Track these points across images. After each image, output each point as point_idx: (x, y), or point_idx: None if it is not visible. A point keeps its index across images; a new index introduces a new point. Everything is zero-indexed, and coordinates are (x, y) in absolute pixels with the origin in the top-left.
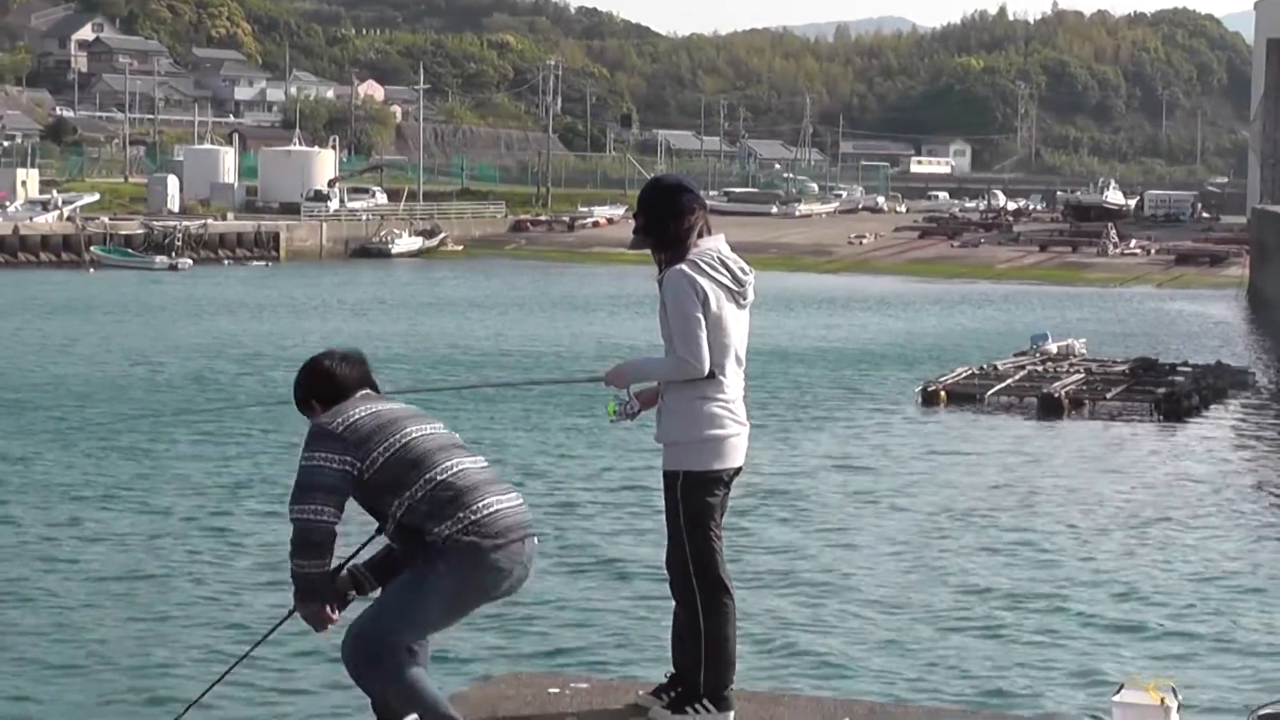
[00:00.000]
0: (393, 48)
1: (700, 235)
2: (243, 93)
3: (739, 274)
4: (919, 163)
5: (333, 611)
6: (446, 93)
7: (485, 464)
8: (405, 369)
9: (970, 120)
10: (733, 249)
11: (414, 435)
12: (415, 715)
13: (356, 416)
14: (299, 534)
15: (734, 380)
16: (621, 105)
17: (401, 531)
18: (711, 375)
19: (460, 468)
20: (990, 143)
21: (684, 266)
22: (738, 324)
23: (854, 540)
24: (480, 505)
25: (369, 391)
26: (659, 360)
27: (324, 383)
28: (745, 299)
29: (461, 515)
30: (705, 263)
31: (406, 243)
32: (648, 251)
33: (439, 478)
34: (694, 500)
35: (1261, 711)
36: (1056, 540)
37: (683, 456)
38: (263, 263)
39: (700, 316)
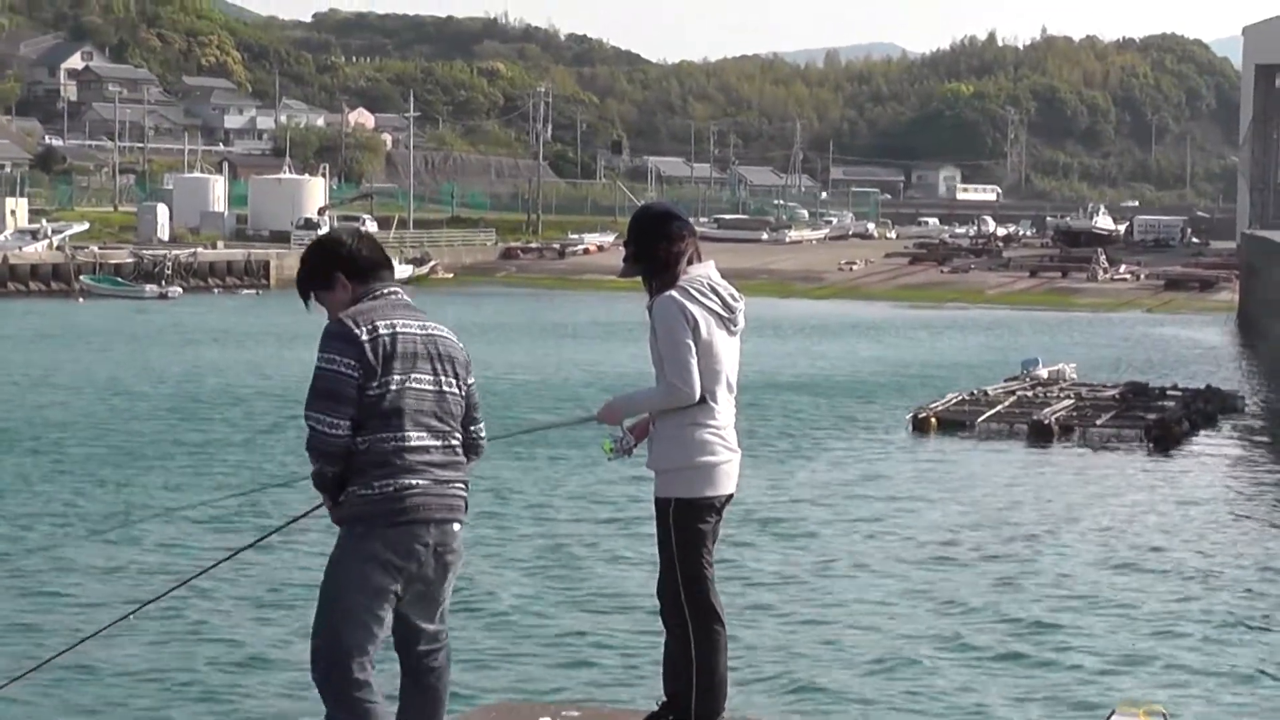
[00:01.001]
0: (383, 75)
1: (690, 262)
2: (233, 121)
3: (729, 300)
4: (964, 190)
5: None
6: (437, 120)
7: (452, 443)
8: None
9: (960, 146)
10: (723, 276)
11: (414, 385)
12: None
13: (383, 332)
14: (312, 441)
15: (725, 407)
16: (612, 132)
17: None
18: (703, 401)
19: (414, 439)
20: (980, 168)
21: (674, 293)
22: (728, 350)
23: (844, 568)
24: (398, 480)
25: (396, 289)
26: (649, 391)
27: (346, 257)
28: (736, 325)
29: (376, 484)
30: (695, 289)
31: (396, 270)
32: (638, 279)
33: (393, 437)
34: (685, 527)
35: None
36: (1046, 567)
37: (674, 483)
38: (253, 291)
39: (691, 343)
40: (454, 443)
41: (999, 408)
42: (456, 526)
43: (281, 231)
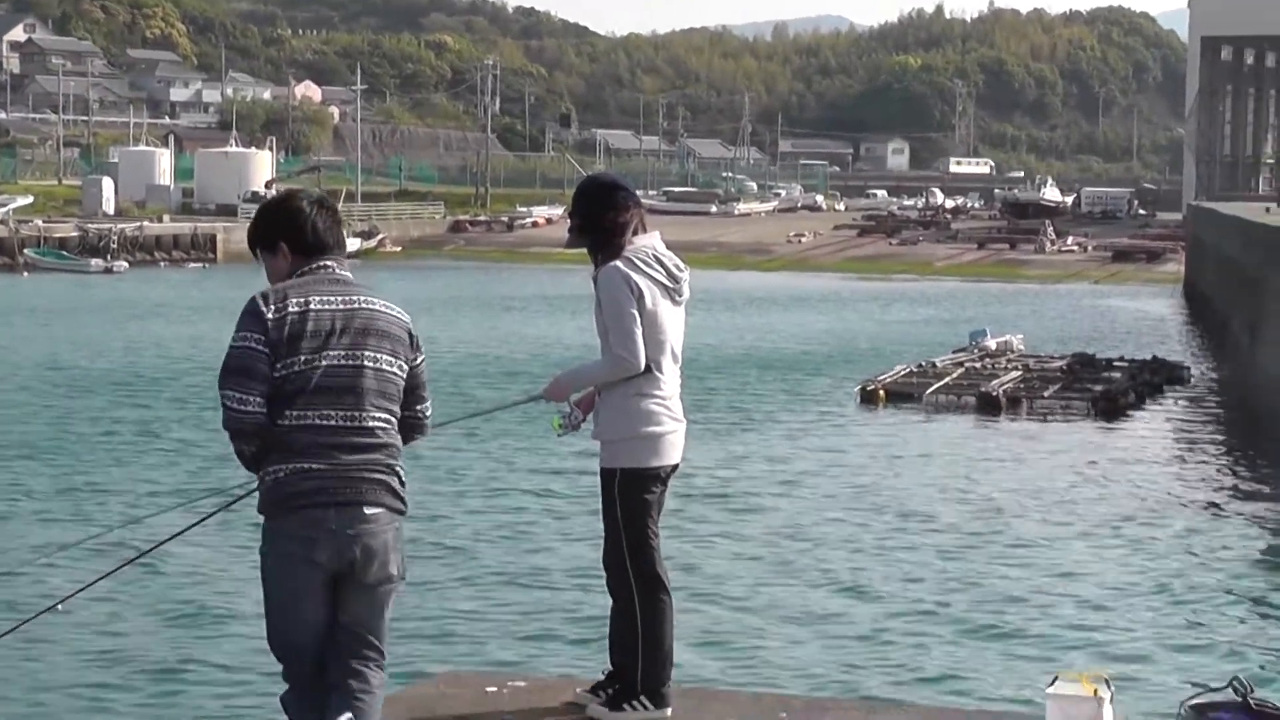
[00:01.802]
0: (329, 48)
1: (635, 233)
2: (178, 94)
3: (674, 271)
4: (957, 164)
5: None
6: (384, 93)
7: (369, 424)
8: None
9: (908, 118)
10: (672, 248)
11: (325, 363)
12: None
13: (293, 310)
14: (225, 418)
15: (670, 377)
16: (560, 105)
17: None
18: (648, 372)
19: (319, 419)
20: (928, 141)
21: (619, 263)
22: (673, 321)
23: (792, 539)
24: (297, 463)
25: (330, 264)
26: (594, 364)
27: (297, 228)
28: (680, 296)
29: (279, 467)
30: (640, 260)
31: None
32: (584, 251)
33: (299, 417)
34: (631, 497)
35: (1191, 702)
36: (991, 537)
37: (620, 454)
38: (200, 265)
39: (635, 313)
40: (373, 423)
41: (947, 380)
42: (369, 510)
43: (228, 205)
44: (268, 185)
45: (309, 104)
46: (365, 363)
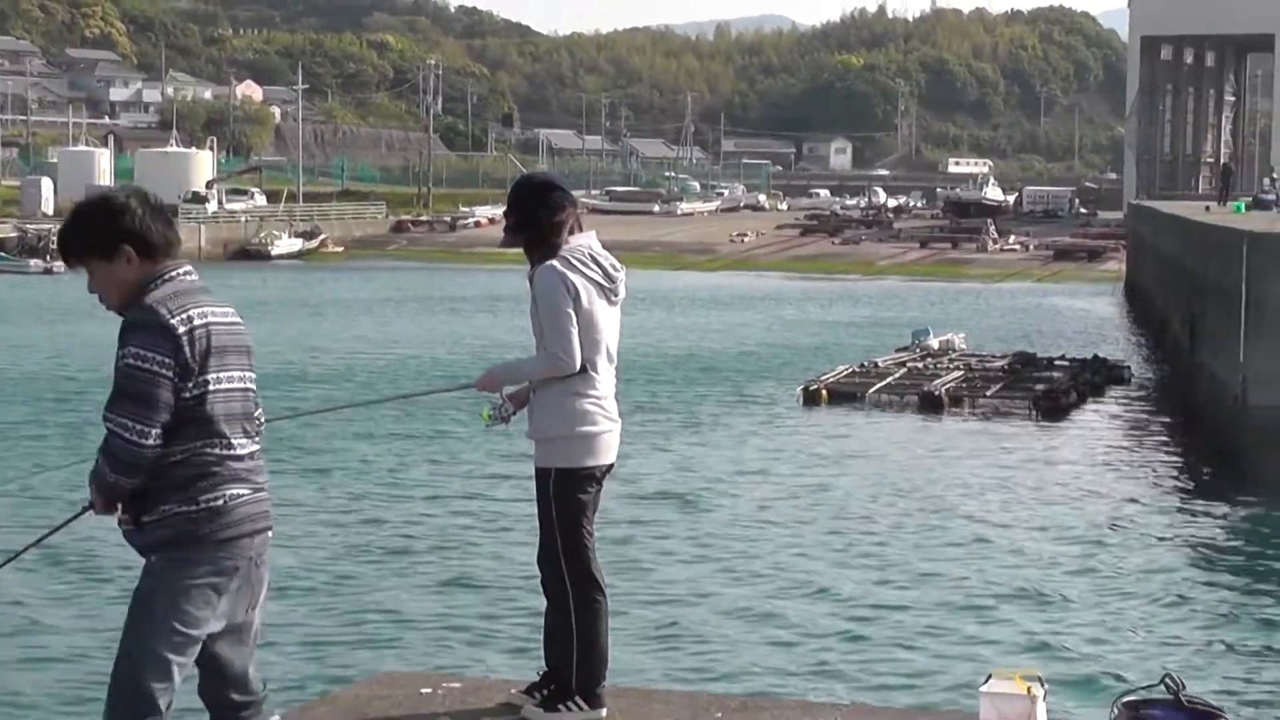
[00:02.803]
0: (271, 48)
1: (571, 232)
2: (118, 94)
3: (610, 270)
4: (956, 163)
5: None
6: (326, 93)
7: (260, 444)
8: (270, 379)
9: (851, 118)
10: (615, 248)
11: (227, 384)
12: None
13: (198, 323)
14: (114, 449)
15: (606, 377)
16: (503, 104)
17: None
18: (583, 371)
19: (236, 443)
20: (871, 140)
21: (555, 263)
22: (609, 320)
23: (729, 539)
24: (226, 490)
25: (189, 267)
26: (529, 360)
27: (140, 230)
28: (616, 295)
29: (202, 498)
30: (576, 259)
31: (286, 244)
32: (522, 250)
33: (216, 443)
34: (566, 497)
35: (1124, 700)
36: (930, 536)
37: (555, 453)
38: None
39: (571, 312)
40: (260, 444)
41: (889, 379)
42: (270, 533)
43: (169, 205)
44: (209, 185)
45: (250, 104)
46: (248, 382)
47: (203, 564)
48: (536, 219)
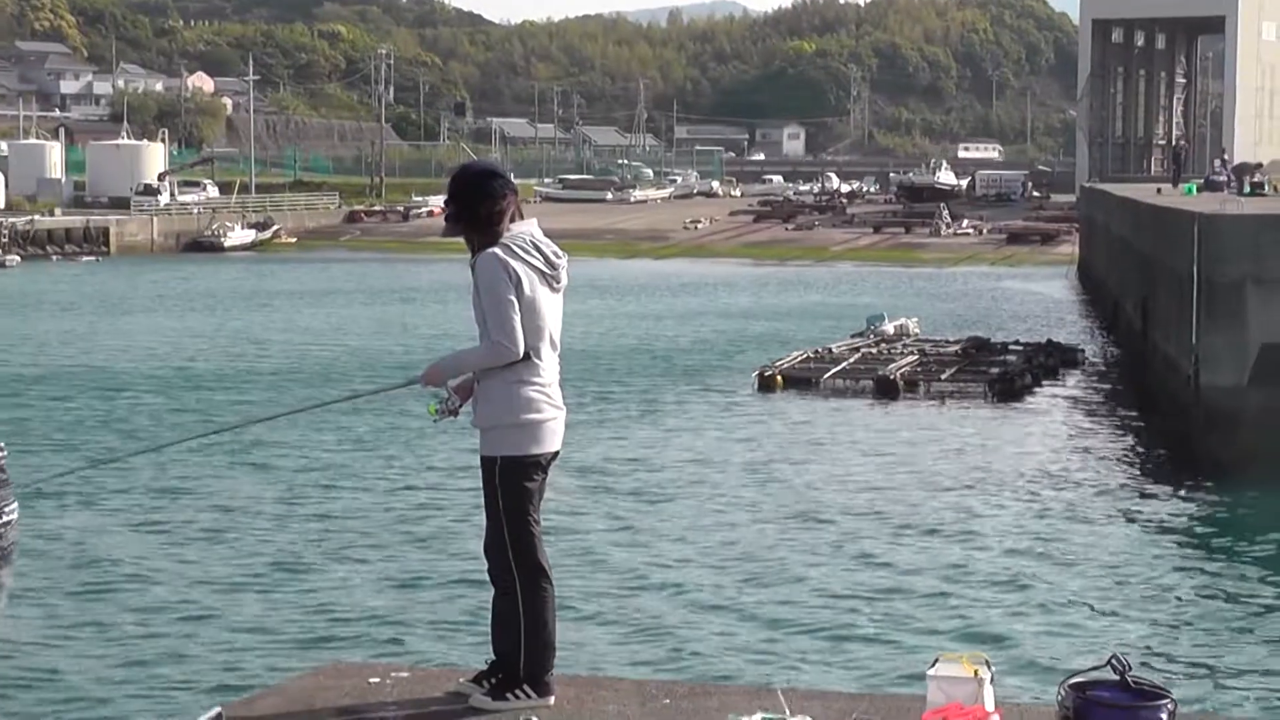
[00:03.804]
0: (222, 39)
1: (512, 220)
2: (69, 86)
3: (551, 257)
4: (965, 149)
5: None
6: (278, 84)
7: None
8: (215, 375)
9: (804, 104)
10: (568, 236)
11: None
12: None
13: None
14: None
15: (550, 364)
16: (455, 94)
17: None
18: (527, 358)
19: None
20: (824, 126)
21: (496, 250)
22: (552, 307)
23: (681, 526)
24: None
25: None
26: (472, 350)
27: None
28: (559, 282)
29: None
30: (518, 246)
31: (239, 236)
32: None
33: None
34: (512, 485)
35: (1070, 681)
36: (882, 521)
37: (500, 441)
38: (93, 258)
39: (513, 299)
40: None
41: (844, 364)
42: None
43: (121, 198)
44: (161, 178)
45: (201, 95)
46: None
47: None
48: (476, 208)
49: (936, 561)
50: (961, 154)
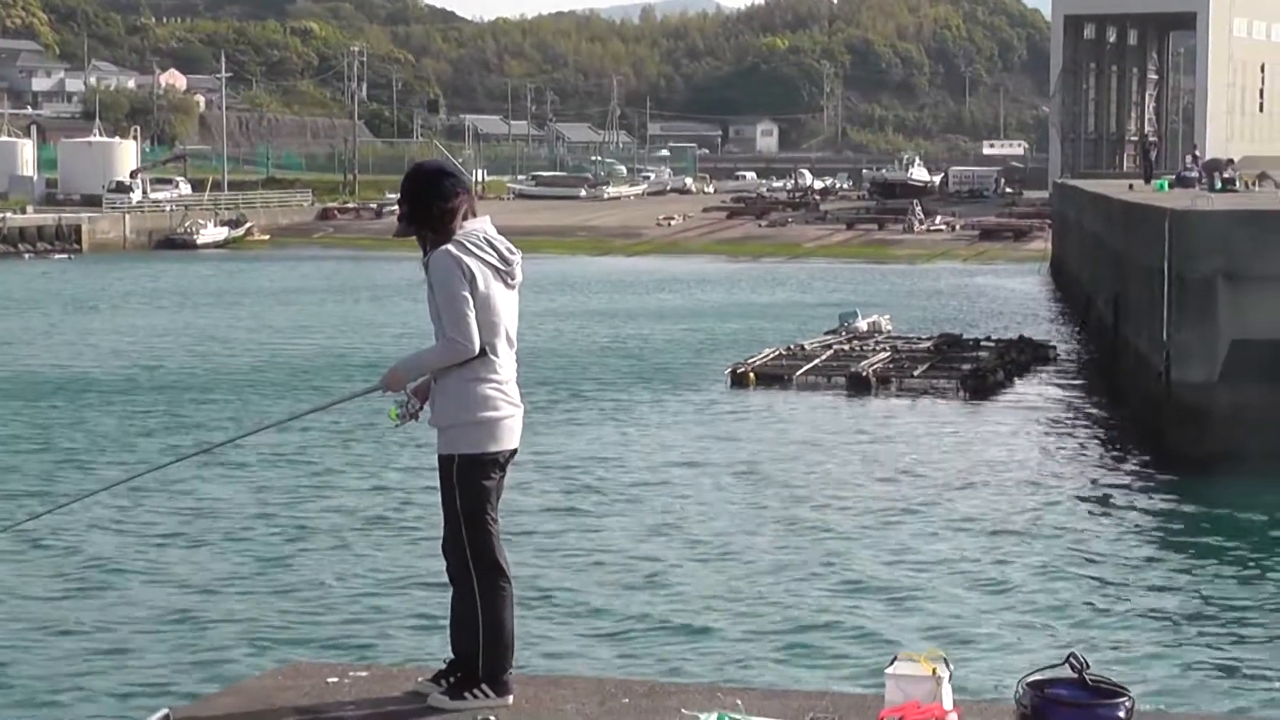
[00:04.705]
0: (194, 36)
1: (465, 218)
2: (40, 83)
3: (505, 254)
4: (990, 145)
5: None
6: (250, 81)
7: None
8: (178, 375)
9: (777, 100)
10: (541, 233)
11: None
12: None
13: None
14: None
15: (506, 361)
16: (428, 91)
17: None
18: (483, 355)
19: None
20: (797, 122)
21: (450, 247)
22: (507, 304)
23: (646, 523)
24: None
25: None
26: (429, 351)
27: None
28: (513, 279)
29: None
30: (471, 243)
31: (211, 233)
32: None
33: None
34: (470, 484)
35: (1030, 678)
36: (850, 515)
37: (457, 440)
38: (65, 256)
39: (468, 295)
40: None
41: (816, 361)
42: None
43: (93, 195)
44: (133, 175)
45: (174, 92)
46: None
47: None
48: (429, 208)
49: (902, 558)
50: (987, 150)
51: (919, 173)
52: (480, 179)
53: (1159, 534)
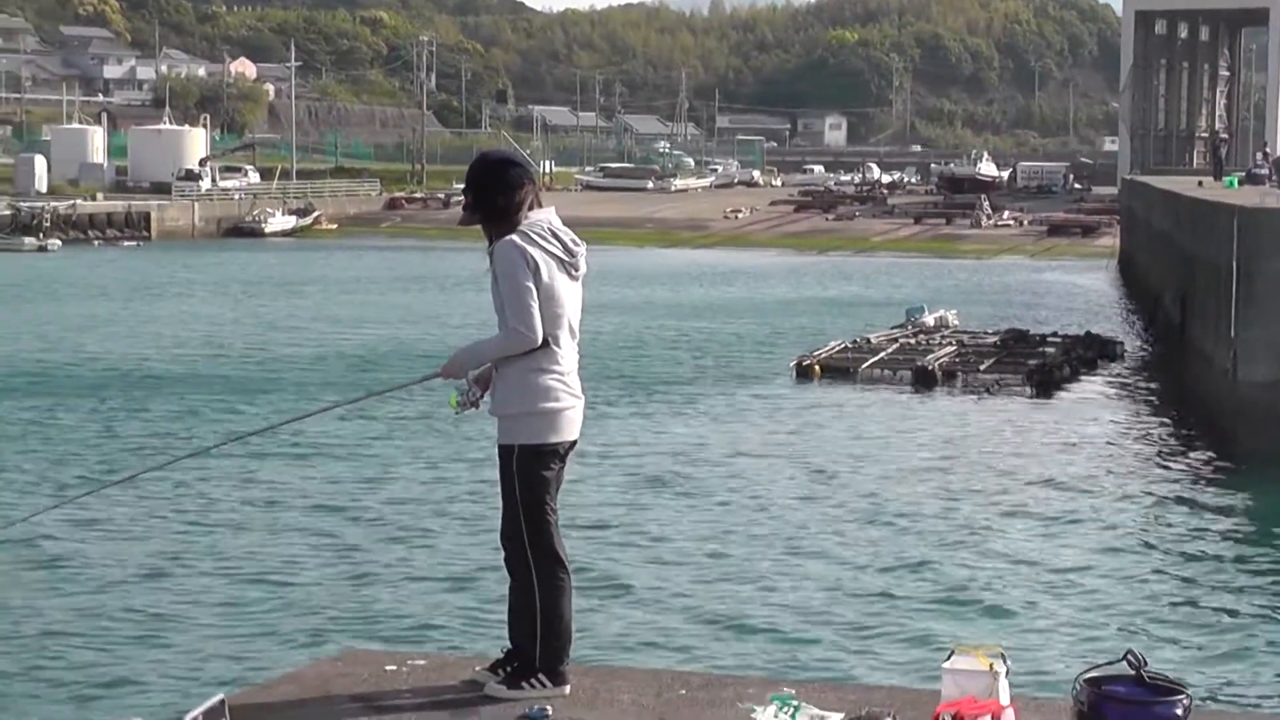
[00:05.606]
0: (264, 25)
1: (530, 208)
2: (112, 71)
3: (570, 245)
4: (1112, 141)
5: None
6: (320, 70)
7: None
8: (239, 363)
9: (845, 94)
10: (608, 224)
11: None
12: None
13: None
14: None
15: (568, 352)
16: (496, 81)
17: None
18: (545, 346)
19: None
20: (865, 116)
21: (514, 237)
22: (570, 295)
23: (709, 515)
24: None
25: None
26: (491, 340)
27: None
28: (577, 270)
29: None
30: (536, 233)
31: (279, 222)
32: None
33: None
34: (529, 474)
35: (1086, 676)
36: (913, 509)
37: (518, 430)
38: (134, 243)
39: (531, 286)
40: None
41: (882, 354)
42: None
43: (162, 183)
44: (202, 163)
45: (244, 81)
46: None
47: None
48: (494, 198)
49: (965, 552)
50: (1108, 146)
51: (987, 167)
52: (548, 170)
53: (1223, 532)
